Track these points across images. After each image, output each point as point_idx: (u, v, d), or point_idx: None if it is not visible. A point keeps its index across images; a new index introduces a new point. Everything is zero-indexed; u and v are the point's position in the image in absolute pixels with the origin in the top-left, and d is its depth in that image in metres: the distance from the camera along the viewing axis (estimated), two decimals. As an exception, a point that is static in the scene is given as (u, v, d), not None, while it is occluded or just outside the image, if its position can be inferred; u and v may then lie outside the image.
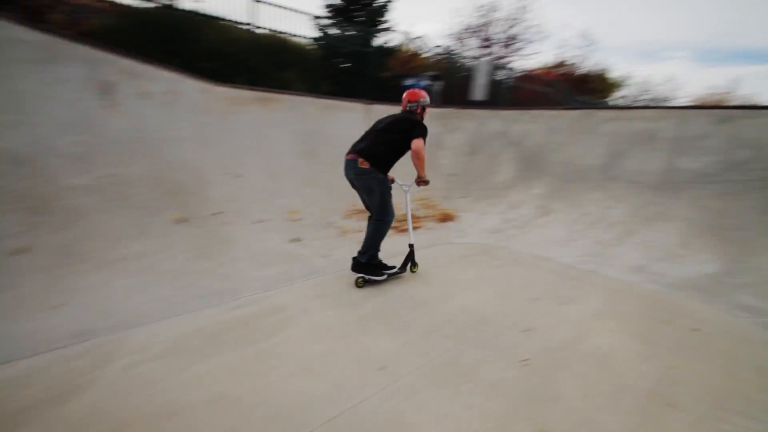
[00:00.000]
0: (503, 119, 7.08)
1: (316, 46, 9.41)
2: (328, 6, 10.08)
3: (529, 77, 15.31)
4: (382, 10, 10.03)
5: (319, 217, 5.13)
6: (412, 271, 3.73)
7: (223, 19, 7.36)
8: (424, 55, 10.88)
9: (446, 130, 7.38)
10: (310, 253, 4.15)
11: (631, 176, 5.43)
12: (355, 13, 9.69)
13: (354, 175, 3.21)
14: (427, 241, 4.73)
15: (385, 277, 3.42)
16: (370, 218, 3.46)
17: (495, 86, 12.93)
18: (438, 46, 11.07)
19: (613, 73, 20.31)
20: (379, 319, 2.82)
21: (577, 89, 14.53)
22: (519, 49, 14.31)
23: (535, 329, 2.74)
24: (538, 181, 6.26)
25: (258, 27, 7.80)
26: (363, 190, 3.32)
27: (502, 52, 14.12)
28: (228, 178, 5.01)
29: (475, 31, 13.90)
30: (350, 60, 9.43)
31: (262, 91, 5.87)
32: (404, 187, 3.78)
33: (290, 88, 7.36)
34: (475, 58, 12.72)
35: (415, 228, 5.20)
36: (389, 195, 3.35)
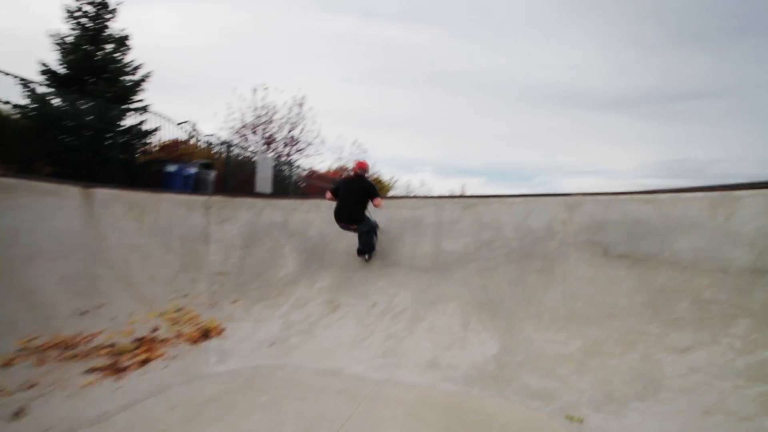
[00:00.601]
0: (281, 208, 6.38)
1: (19, 115, 6.80)
2: (46, 72, 7.77)
3: (315, 175, 16.07)
4: (134, 87, 8.46)
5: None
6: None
7: None
8: (194, 143, 9.63)
9: (215, 221, 6.05)
10: None
11: (407, 260, 5.40)
12: (91, 86, 7.74)
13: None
14: (153, 386, 3.03)
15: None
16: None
17: (282, 180, 12.72)
18: (211, 136, 10.09)
19: (384, 178, 24.16)
20: None
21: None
22: (302, 149, 15.03)
23: None
24: (324, 273, 5.56)
25: None
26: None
27: (286, 150, 14.47)
28: None
29: (253, 128, 13.83)
30: (81, 138, 7.18)
31: None
32: None
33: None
34: (257, 152, 12.36)
35: (148, 360, 3.41)
36: (368, 218, 5.15)
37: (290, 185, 12.88)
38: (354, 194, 4.95)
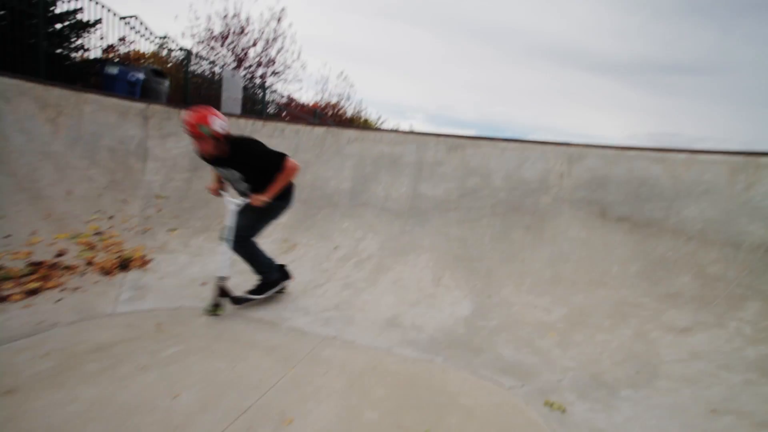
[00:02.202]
0: (239, 129, 5.44)
1: None
2: None
3: (295, 104, 14.69)
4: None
5: None
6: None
7: None
8: (146, 49, 8.19)
9: (156, 135, 5.08)
10: None
11: (380, 202, 4.73)
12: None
13: None
14: (39, 320, 2.35)
15: None
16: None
17: (254, 104, 11.43)
18: (167, 38, 8.59)
19: (374, 119, 22.66)
20: None
21: (340, 124, 14.95)
22: (278, 72, 13.44)
23: None
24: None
25: None
26: None
27: (261, 71, 12.89)
28: None
29: (222, 39, 12.07)
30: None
31: None
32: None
33: None
34: (226, 68, 10.90)
35: (39, 290, 2.71)
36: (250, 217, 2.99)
37: (263, 111, 11.62)
38: (237, 180, 2.87)
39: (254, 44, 12.78)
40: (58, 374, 1.89)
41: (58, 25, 6.74)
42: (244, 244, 2.93)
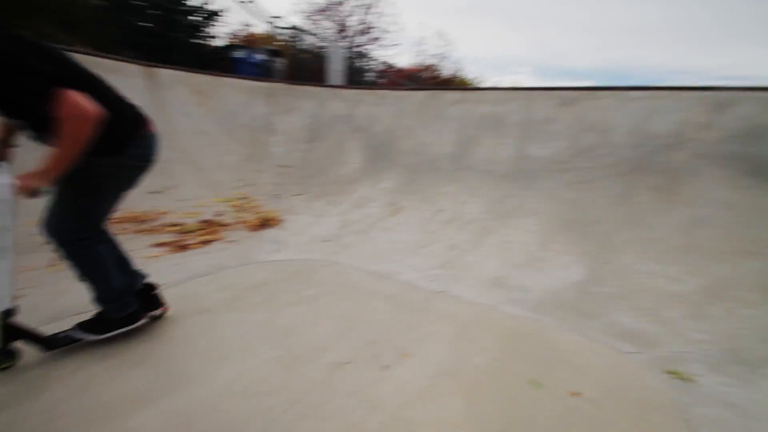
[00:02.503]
0: (346, 99, 5.82)
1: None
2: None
3: (391, 69, 14.81)
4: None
5: (28, 233, 2.93)
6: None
7: None
8: (263, 29, 9.06)
9: (279, 111, 5.76)
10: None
11: (484, 165, 4.68)
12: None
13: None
14: (209, 265, 3.04)
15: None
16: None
17: (355, 73, 11.88)
18: (278, 18, 9.35)
19: (472, 78, 21.54)
20: None
21: (440, 87, 14.59)
22: (377, 39, 13.56)
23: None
24: (388, 173, 5.14)
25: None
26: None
27: (360, 40, 13.18)
28: None
29: (326, 12, 12.58)
30: (155, 20, 7.02)
31: None
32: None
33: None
34: (330, 40, 11.43)
35: (205, 243, 3.46)
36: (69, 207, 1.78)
37: (363, 79, 12.02)
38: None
39: (353, 13, 13.08)
40: (233, 302, 2.48)
41: (193, 18, 7.89)
42: (69, 247, 1.72)
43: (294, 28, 9.46)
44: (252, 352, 1.94)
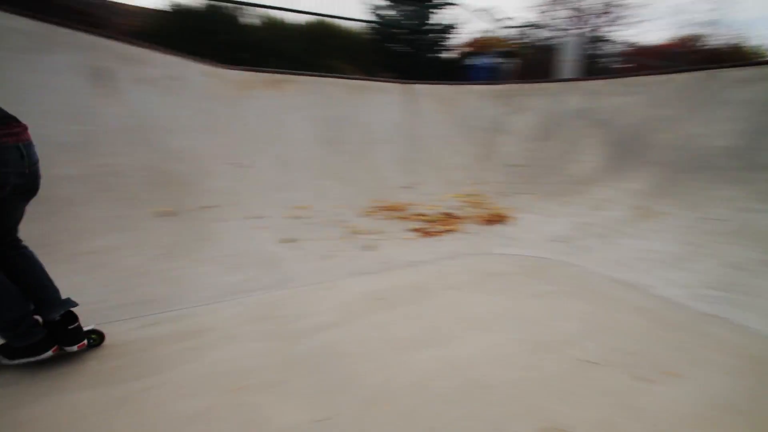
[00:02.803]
0: (586, 92, 5.37)
1: (368, 31, 8.59)
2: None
3: (638, 51, 12.46)
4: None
5: (329, 215, 4.25)
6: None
7: (261, 5, 6.96)
8: (493, 32, 9.32)
9: (509, 111, 5.91)
10: (295, 257, 3.29)
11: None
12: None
13: (36, 162, 1.73)
14: (450, 251, 3.52)
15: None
16: (22, 245, 1.91)
17: (594, 62, 10.66)
18: (510, 18, 9.38)
19: (753, 43, 15.43)
20: (309, 371, 1.80)
21: (712, 63, 11.20)
22: (620, 17, 11.58)
23: (580, 435, 1.45)
24: (636, 173, 4.51)
25: (300, 12, 7.26)
26: (33, 193, 1.80)
27: (598, 22, 11.59)
28: (231, 169, 4.43)
29: (558, 1, 11.63)
30: (406, 43, 8.40)
31: (276, 72, 5.18)
32: None
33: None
34: (562, 31, 10.63)
35: (445, 232, 4.02)
36: None
37: (604, 67, 10.64)
38: None
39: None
40: (475, 284, 2.84)
41: (434, 34, 8.92)
42: None
43: (526, 25, 9.35)
44: (496, 330, 2.21)
